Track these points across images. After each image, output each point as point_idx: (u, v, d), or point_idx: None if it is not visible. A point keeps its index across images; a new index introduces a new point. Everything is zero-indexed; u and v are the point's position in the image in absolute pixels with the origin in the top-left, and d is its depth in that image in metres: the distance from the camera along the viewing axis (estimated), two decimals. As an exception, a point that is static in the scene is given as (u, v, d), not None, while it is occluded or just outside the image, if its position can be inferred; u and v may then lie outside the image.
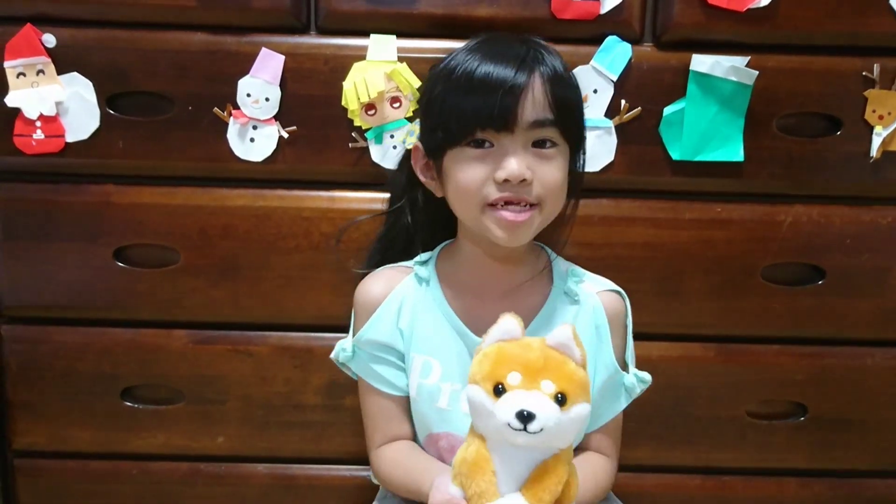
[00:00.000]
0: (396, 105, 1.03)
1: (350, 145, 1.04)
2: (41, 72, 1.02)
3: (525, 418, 0.64)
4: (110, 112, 1.03)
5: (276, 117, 1.03)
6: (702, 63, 1.01)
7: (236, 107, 1.03)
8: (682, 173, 1.06)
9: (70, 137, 1.04)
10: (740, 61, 1.01)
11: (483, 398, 0.66)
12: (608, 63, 1.02)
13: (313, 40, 1.03)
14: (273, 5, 1.00)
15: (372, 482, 0.97)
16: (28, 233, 1.06)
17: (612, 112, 1.04)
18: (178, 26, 1.02)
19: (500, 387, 0.66)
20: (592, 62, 1.02)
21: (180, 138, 1.04)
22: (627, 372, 0.89)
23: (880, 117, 1.05)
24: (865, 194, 1.08)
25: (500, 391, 0.66)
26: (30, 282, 1.08)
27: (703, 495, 1.15)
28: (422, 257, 0.91)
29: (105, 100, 1.03)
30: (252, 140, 1.04)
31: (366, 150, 1.04)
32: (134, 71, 1.02)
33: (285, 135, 1.04)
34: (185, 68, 1.02)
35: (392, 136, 1.04)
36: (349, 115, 1.03)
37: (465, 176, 0.80)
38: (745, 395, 1.12)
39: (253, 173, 1.05)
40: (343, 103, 1.02)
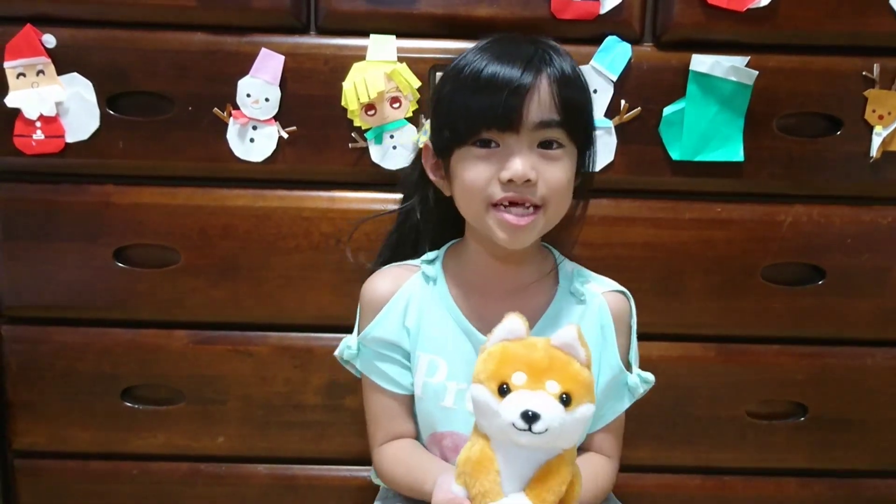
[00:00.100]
0: (396, 105, 1.03)
1: (350, 145, 1.04)
2: (41, 72, 1.02)
3: (530, 418, 0.64)
4: (110, 112, 1.04)
5: (276, 117, 1.03)
6: (702, 63, 1.01)
7: (236, 107, 1.03)
8: (682, 173, 1.06)
9: (70, 138, 1.04)
10: (740, 61, 1.01)
11: (487, 398, 0.66)
12: (608, 63, 1.02)
13: (313, 40, 1.03)
14: (273, 5, 1.00)
15: (372, 482, 0.97)
16: (28, 233, 1.06)
17: (612, 112, 1.04)
18: (178, 26, 1.02)
19: (505, 386, 0.66)
20: (592, 62, 1.02)
21: (180, 138, 1.04)
22: (631, 372, 0.89)
23: (880, 117, 1.05)
24: (865, 194, 1.08)
25: (505, 391, 0.66)
26: (30, 282, 1.08)
27: (703, 495, 1.15)
28: (428, 256, 0.91)
29: (105, 100, 1.03)
30: (252, 140, 1.04)
31: (366, 151, 1.04)
32: (134, 71, 1.02)
33: (285, 135, 1.04)
34: (185, 68, 1.02)
35: (392, 137, 1.04)
36: (349, 116, 1.03)
37: (470, 175, 0.80)
38: (745, 395, 1.12)
39: (253, 173, 1.05)
40: (343, 103, 1.02)
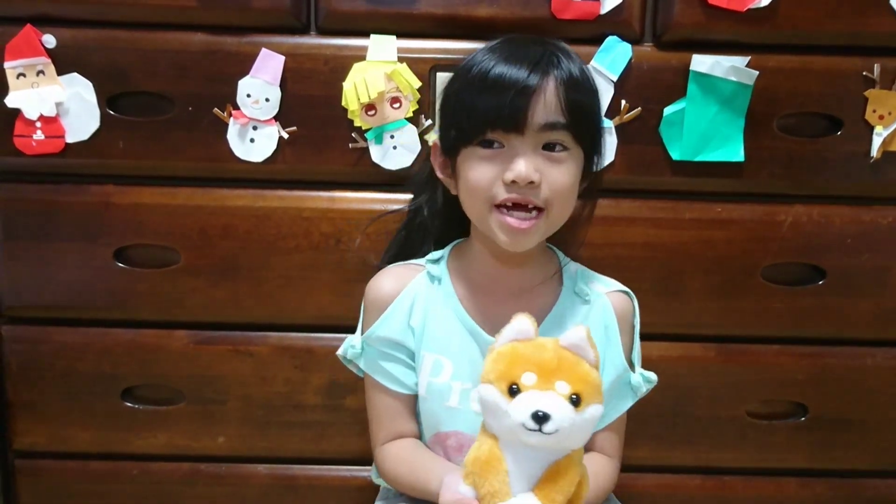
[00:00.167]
0: (396, 105, 1.03)
1: (350, 146, 1.04)
2: (41, 72, 1.02)
3: (540, 419, 0.64)
4: (110, 112, 1.03)
5: (276, 118, 1.03)
6: (702, 63, 1.01)
7: (236, 107, 1.03)
8: (683, 173, 1.06)
9: (70, 138, 1.04)
10: (740, 61, 1.01)
11: (497, 398, 0.66)
12: (608, 63, 1.02)
13: (313, 40, 1.03)
14: (273, 5, 1.00)
15: (373, 482, 0.97)
16: (28, 233, 1.06)
17: (612, 112, 1.04)
18: (178, 26, 1.02)
19: (515, 387, 0.66)
20: (593, 62, 1.02)
21: (180, 138, 1.04)
22: (634, 371, 0.89)
23: (881, 117, 1.05)
24: (865, 194, 1.08)
25: (515, 391, 0.66)
26: (30, 282, 1.08)
27: (703, 495, 1.15)
28: (433, 255, 0.91)
29: (105, 100, 1.03)
30: (252, 140, 1.04)
31: (366, 151, 1.04)
32: (134, 71, 1.02)
33: (285, 135, 1.04)
34: (185, 68, 1.02)
35: (392, 137, 1.04)
36: (349, 116, 1.03)
37: (474, 175, 0.80)
38: (745, 395, 1.12)
39: (253, 173, 1.05)
40: (343, 104, 1.02)
